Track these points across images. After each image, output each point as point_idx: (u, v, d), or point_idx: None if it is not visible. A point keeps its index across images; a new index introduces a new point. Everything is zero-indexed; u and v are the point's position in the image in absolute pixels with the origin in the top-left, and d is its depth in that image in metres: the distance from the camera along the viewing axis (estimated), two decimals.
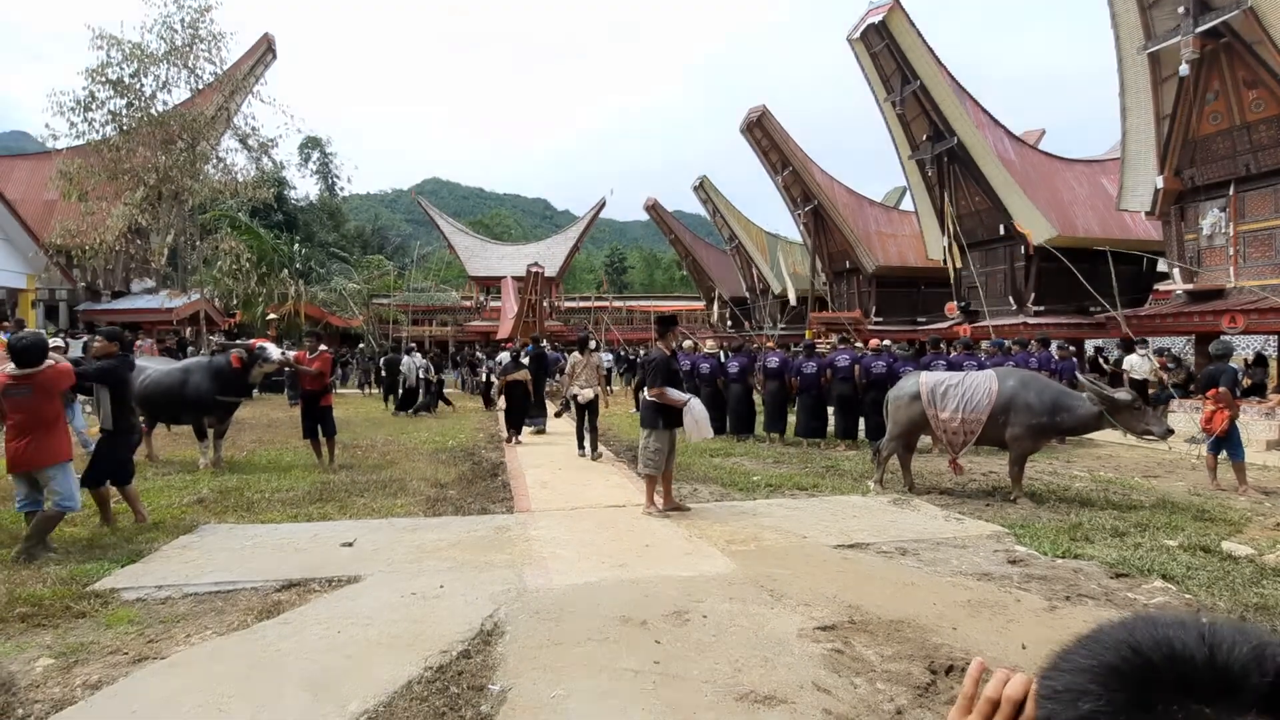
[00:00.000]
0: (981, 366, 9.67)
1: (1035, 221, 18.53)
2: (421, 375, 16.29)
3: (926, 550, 5.28)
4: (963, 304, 21.86)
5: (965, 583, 4.52)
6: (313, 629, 3.72)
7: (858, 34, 20.34)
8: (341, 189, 45.22)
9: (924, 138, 21.05)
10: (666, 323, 6.76)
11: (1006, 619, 3.90)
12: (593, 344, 10.19)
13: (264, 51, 27.74)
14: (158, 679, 3.16)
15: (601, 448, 9.79)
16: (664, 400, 6.21)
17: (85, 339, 12.97)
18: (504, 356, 14.39)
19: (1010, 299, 20.06)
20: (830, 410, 11.27)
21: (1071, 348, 13.45)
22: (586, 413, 9.50)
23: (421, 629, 3.73)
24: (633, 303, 50.95)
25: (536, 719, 2.80)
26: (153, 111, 22.06)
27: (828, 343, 15.75)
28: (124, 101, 21.80)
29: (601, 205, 48.01)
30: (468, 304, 44.75)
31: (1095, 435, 10.57)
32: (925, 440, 8.17)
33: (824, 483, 7.93)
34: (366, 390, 17.78)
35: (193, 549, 5.18)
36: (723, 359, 12.53)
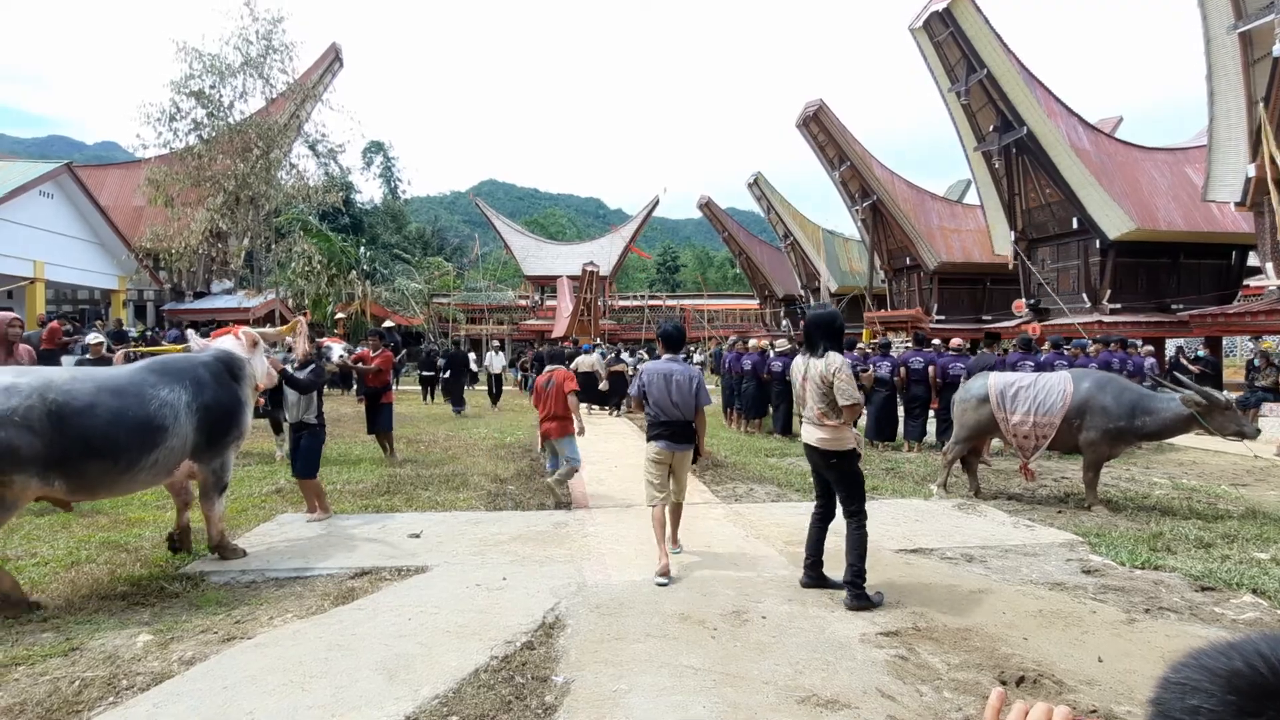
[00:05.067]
0: (1072, 366, 9.19)
1: (1112, 214, 17.62)
2: (498, 369, 17.88)
3: (994, 557, 5.11)
4: (1032, 301, 20.97)
5: (1036, 592, 4.36)
6: (385, 615, 3.89)
7: (920, 22, 19.74)
8: (403, 192, 46.65)
9: (991, 128, 20.27)
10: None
11: (1081, 631, 3.76)
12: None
13: (331, 60, 28.91)
14: (245, 657, 3.37)
15: None
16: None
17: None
18: (585, 359, 15.28)
19: (1084, 296, 19.12)
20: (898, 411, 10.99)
21: (1143, 345, 12.68)
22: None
23: (487, 619, 3.85)
24: (685, 301, 50.86)
25: (599, 712, 2.86)
26: (231, 120, 23.30)
27: (873, 342, 15.33)
28: (205, 111, 23.10)
29: (654, 204, 48.13)
30: (524, 303, 45.56)
31: (1177, 440, 10.01)
32: (995, 443, 7.90)
33: (884, 485, 7.77)
34: (429, 398, 18.45)
35: (272, 537, 5.47)
36: (770, 357, 12.40)
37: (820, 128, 26.91)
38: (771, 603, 4.06)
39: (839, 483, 4.29)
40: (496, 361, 18.81)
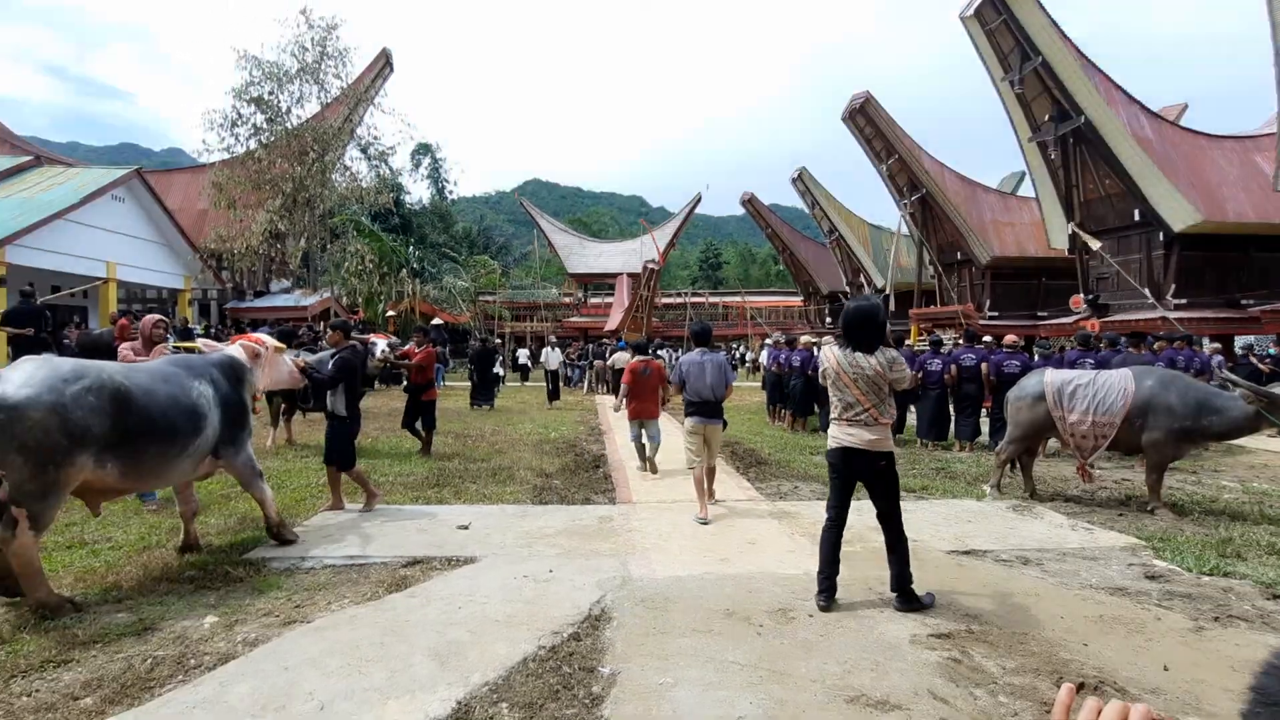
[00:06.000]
0: (1153, 362, 8.78)
1: (1176, 205, 16.80)
2: (555, 366, 17.83)
3: (1051, 561, 4.95)
4: (1090, 297, 20.17)
5: (1096, 597, 4.21)
6: (436, 604, 3.99)
7: (971, 10, 19.17)
8: (450, 192, 47.57)
9: (1046, 118, 19.57)
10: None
11: (1145, 638, 3.61)
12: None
13: (383, 65, 29.68)
14: (305, 640, 3.50)
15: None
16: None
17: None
18: (622, 355, 15.36)
19: (1146, 291, 18.29)
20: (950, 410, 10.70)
21: (1210, 342, 12.04)
22: None
23: (534, 610, 3.92)
24: (728, 298, 50.52)
25: (645, 704, 2.88)
26: (289, 125, 24.15)
27: (928, 339, 14.95)
28: (264, 117, 24.00)
29: (697, 201, 47.92)
30: (568, 300, 45.96)
31: (1247, 442, 9.50)
32: (1053, 444, 7.63)
33: (934, 485, 7.59)
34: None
35: (329, 525, 5.67)
36: (815, 354, 12.23)
37: (867, 120, 26.40)
38: (819, 599, 4.01)
39: (886, 485, 4.07)
40: (553, 358, 18.32)
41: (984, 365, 10.12)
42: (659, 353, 18.78)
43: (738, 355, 34.59)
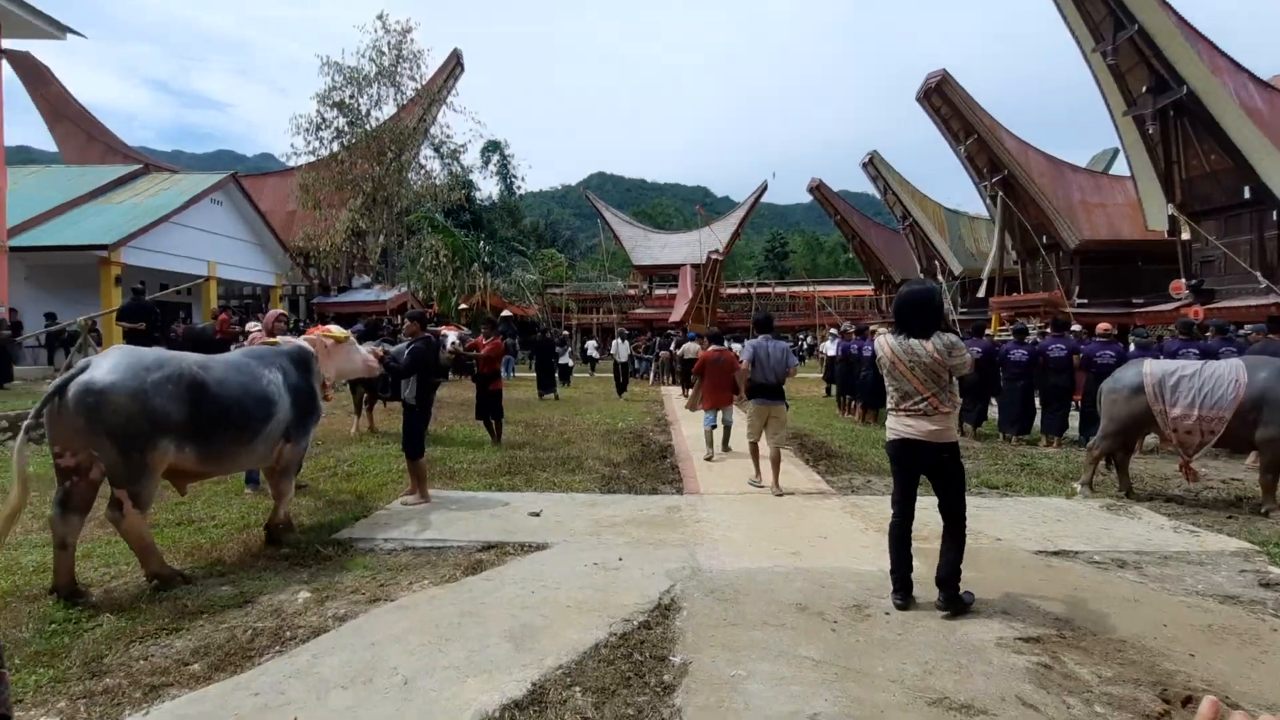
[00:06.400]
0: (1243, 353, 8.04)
1: None
2: (625, 358, 18.00)
3: (1151, 565, 4.63)
4: (1193, 281, 18.68)
5: (1204, 604, 3.91)
6: (510, 587, 4.10)
7: None
8: (518, 188, 48.58)
9: (1143, 89, 18.21)
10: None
11: (1260, 650, 3.33)
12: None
13: (454, 65, 30.52)
14: (389, 618, 3.67)
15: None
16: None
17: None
18: (692, 346, 15.52)
19: (1258, 274, 16.78)
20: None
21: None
22: None
23: (605, 597, 3.96)
24: (795, 288, 49.56)
25: (717, 695, 2.87)
26: (368, 127, 25.20)
27: (1011, 327, 14.16)
28: (346, 120, 25.13)
29: (763, 189, 47.18)
30: (633, 292, 46.19)
31: None
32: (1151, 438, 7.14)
33: (1018, 481, 7.23)
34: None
35: (408, 510, 5.91)
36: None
37: (943, 100, 25.26)
38: (894, 598, 3.89)
39: (951, 477, 3.86)
40: (623, 349, 18.22)
41: (1075, 356, 9.53)
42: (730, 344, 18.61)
43: (805, 346, 33.90)
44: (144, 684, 2.96)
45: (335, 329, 5.82)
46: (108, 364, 3.94)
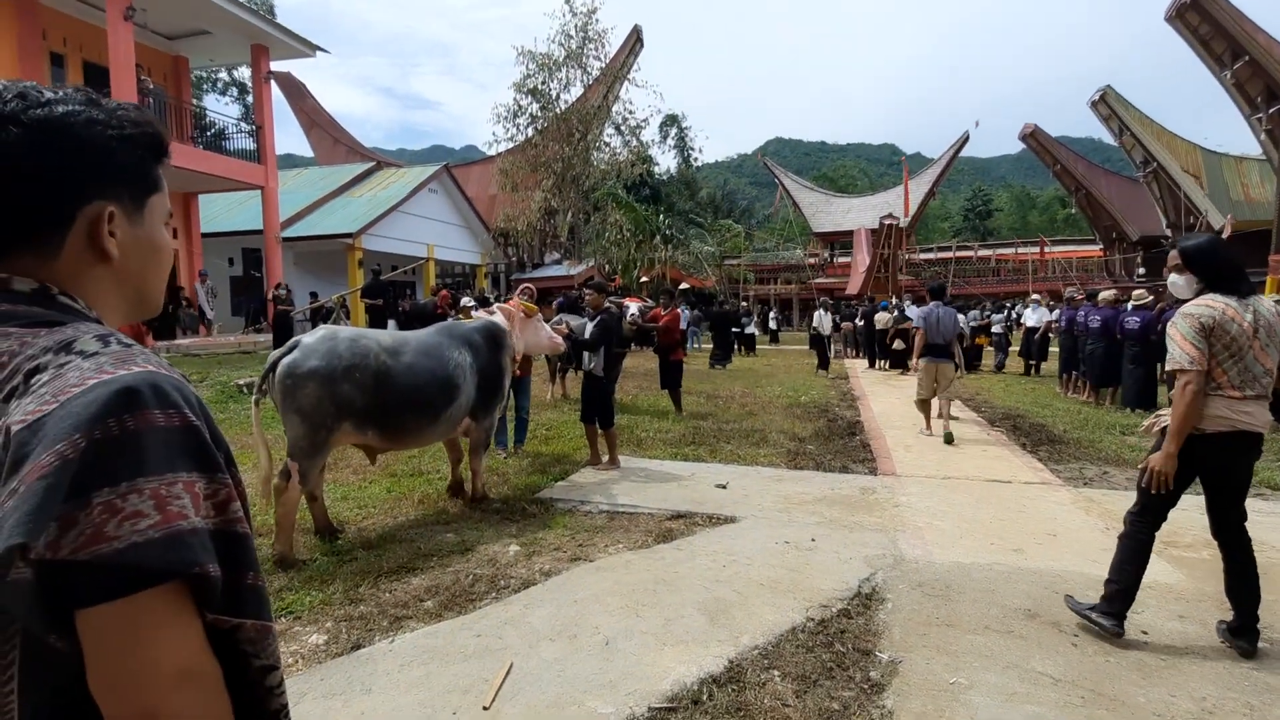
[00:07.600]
0: None
1: None
2: (828, 331, 17.02)
3: None
4: None
5: None
6: (701, 559, 4.11)
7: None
8: (695, 160, 48.53)
9: None
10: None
11: None
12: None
13: (634, 41, 30.97)
14: (590, 578, 3.84)
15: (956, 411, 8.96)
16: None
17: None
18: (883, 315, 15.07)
19: None
20: None
21: None
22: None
23: (798, 578, 3.82)
24: (1001, 250, 44.34)
25: (935, 702, 2.62)
26: (557, 110, 26.56)
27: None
28: (539, 105, 26.69)
29: (963, 141, 42.40)
30: (813, 261, 44.33)
31: None
32: None
33: None
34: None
35: (601, 475, 6.18)
36: (1125, 312, 10.12)
37: (1201, 17, 20.78)
38: (1155, 615, 3.30)
39: (1245, 479, 3.05)
40: (826, 321, 16.46)
41: None
42: (908, 313, 17.01)
43: (1014, 315, 30.19)
44: (390, 614, 3.37)
45: (519, 302, 6.12)
46: (308, 348, 4.26)
